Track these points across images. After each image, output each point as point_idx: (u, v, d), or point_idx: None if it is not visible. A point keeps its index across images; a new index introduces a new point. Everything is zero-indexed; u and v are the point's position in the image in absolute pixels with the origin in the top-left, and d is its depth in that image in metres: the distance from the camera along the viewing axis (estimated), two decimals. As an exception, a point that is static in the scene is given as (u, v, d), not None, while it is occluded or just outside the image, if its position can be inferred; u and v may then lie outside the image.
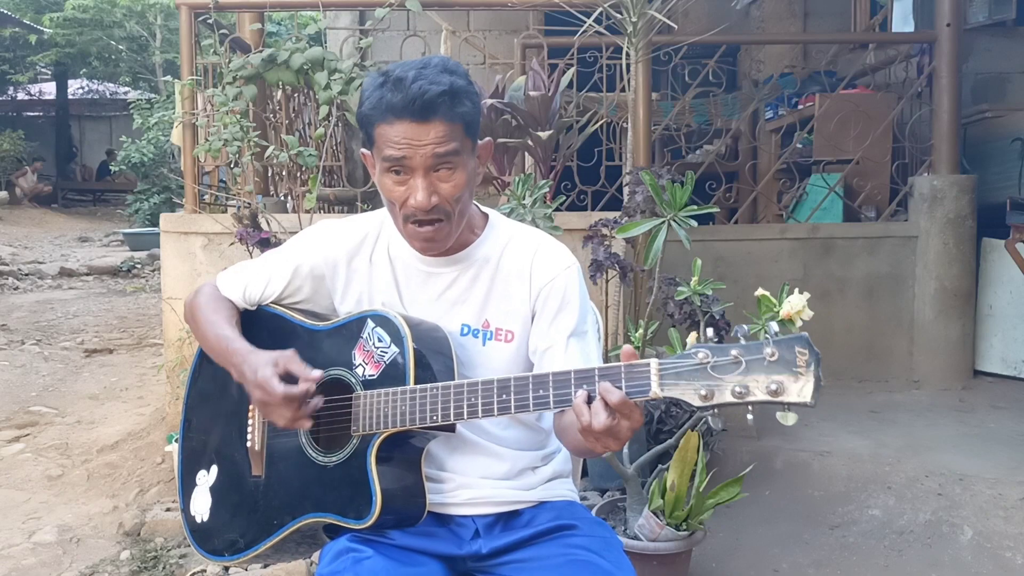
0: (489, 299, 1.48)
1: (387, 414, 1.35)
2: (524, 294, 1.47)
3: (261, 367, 1.38)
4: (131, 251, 10.28)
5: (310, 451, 1.44)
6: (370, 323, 1.42)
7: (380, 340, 1.40)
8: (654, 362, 1.16)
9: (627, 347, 1.21)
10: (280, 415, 1.36)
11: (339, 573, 1.34)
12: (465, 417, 1.30)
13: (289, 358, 1.38)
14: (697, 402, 1.13)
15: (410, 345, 1.36)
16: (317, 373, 1.37)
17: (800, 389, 1.09)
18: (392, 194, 1.37)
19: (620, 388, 1.17)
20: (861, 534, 2.87)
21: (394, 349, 1.38)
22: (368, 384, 1.39)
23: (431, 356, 1.39)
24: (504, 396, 1.26)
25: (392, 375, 1.37)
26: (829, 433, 3.45)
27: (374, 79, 1.36)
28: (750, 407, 1.13)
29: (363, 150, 1.45)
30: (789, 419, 1.13)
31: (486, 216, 1.53)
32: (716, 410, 1.14)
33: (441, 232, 1.39)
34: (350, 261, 1.51)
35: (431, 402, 1.32)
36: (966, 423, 3.65)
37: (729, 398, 1.11)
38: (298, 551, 1.56)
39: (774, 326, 1.12)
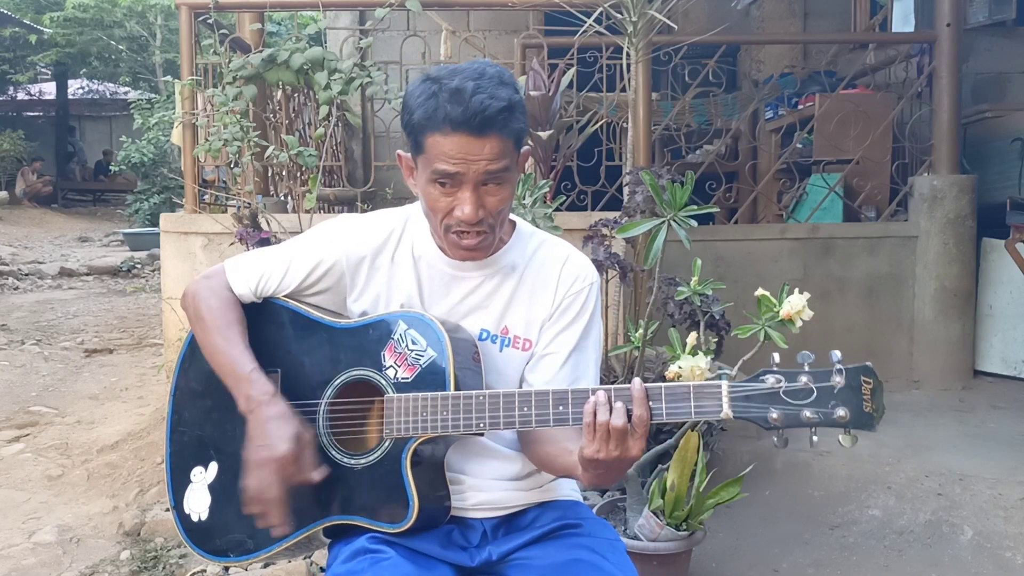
0: (511, 306, 1.47)
1: (426, 419, 1.32)
2: (548, 303, 1.47)
3: (283, 440, 1.33)
4: (131, 251, 10.29)
5: (334, 452, 1.40)
6: (402, 324, 1.39)
7: (415, 343, 1.37)
8: (725, 384, 1.19)
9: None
10: (262, 485, 1.34)
11: (358, 573, 1.33)
12: (517, 426, 1.29)
13: (308, 443, 1.36)
14: (767, 425, 1.18)
15: (449, 350, 1.34)
16: (318, 476, 1.35)
17: (865, 416, 1.17)
18: (437, 203, 1.35)
19: (687, 409, 1.20)
20: (861, 534, 2.86)
21: (431, 353, 1.36)
22: (401, 387, 1.37)
23: (464, 361, 1.37)
24: (561, 408, 1.26)
25: (429, 379, 1.35)
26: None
27: (425, 86, 1.32)
28: (814, 430, 1.19)
29: (400, 152, 1.43)
30: (849, 441, 1.19)
31: (513, 223, 1.52)
32: (782, 431, 1.19)
33: (484, 242, 1.38)
34: (374, 259, 1.48)
35: (477, 409, 1.30)
36: (966, 423, 3.65)
37: (799, 423, 1.18)
38: (297, 553, 1.55)
39: (837, 354, 1.18)
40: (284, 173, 3.97)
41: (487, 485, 1.47)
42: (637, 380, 1.23)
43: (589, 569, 1.37)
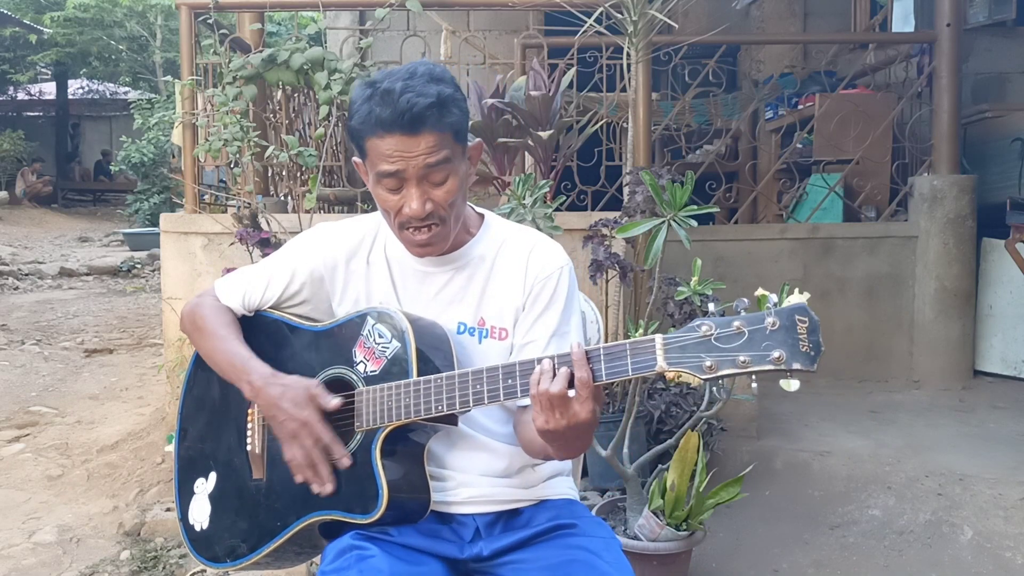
0: (484, 297, 1.49)
1: (391, 407, 1.35)
2: (518, 291, 1.48)
3: (302, 405, 1.38)
4: (131, 251, 10.30)
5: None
6: (370, 320, 1.43)
7: (381, 336, 1.41)
8: (659, 337, 1.18)
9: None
10: (306, 453, 1.38)
11: (343, 570, 1.34)
12: (471, 405, 1.31)
13: (319, 393, 1.40)
14: (702, 374, 1.14)
15: (412, 339, 1.37)
16: (337, 401, 1.39)
17: (802, 355, 1.11)
18: (387, 203, 1.39)
19: (623, 366, 1.19)
20: (861, 534, 2.86)
21: (395, 344, 1.39)
22: (370, 380, 1.40)
23: (432, 350, 1.39)
24: (510, 381, 1.28)
25: (394, 369, 1.38)
26: (829, 433, 3.45)
27: (361, 91, 1.37)
28: (753, 376, 1.14)
29: (355, 159, 1.46)
30: (792, 385, 1.16)
31: (481, 217, 1.55)
32: (721, 381, 1.16)
33: (437, 236, 1.41)
34: (348, 262, 1.53)
35: (435, 392, 1.32)
36: (966, 423, 3.65)
37: (734, 369, 1.13)
38: (297, 557, 1.55)
39: (774, 297, 1.15)
40: (284, 173, 3.97)
41: (476, 480, 1.47)
42: (576, 343, 1.23)
43: (585, 569, 1.37)
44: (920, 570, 2.66)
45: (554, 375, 1.22)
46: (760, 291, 2.17)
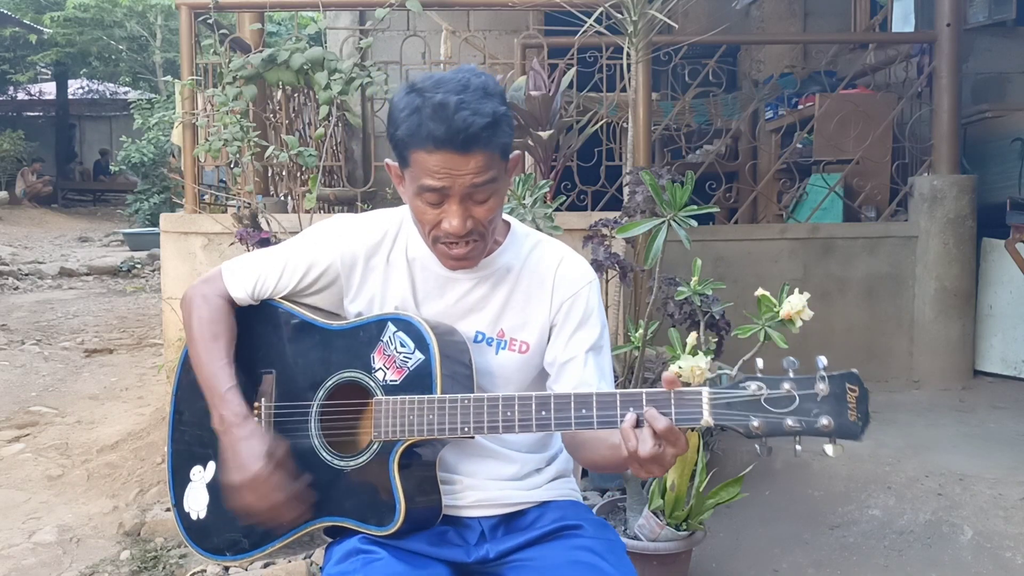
0: (506, 309, 1.47)
1: (413, 422, 1.32)
2: (544, 306, 1.46)
3: (255, 459, 1.35)
4: (131, 251, 10.30)
5: (324, 454, 1.41)
6: (391, 327, 1.39)
7: (403, 345, 1.37)
8: (706, 391, 1.17)
9: (668, 374, 1.21)
10: (246, 505, 1.37)
11: (350, 573, 1.34)
12: (500, 431, 1.29)
13: (281, 459, 1.37)
14: (749, 434, 1.15)
15: (436, 353, 1.34)
16: (297, 488, 1.37)
17: (850, 425, 1.13)
18: (424, 216, 1.35)
19: (667, 415, 1.18)
20: (861, 534, 2.86)
21: (419, 356, 1.35)
22: (389, 390, 1.37)
23: (454, 363, 1.37)
24: (544, 413, 1.25)
25: (417, 382, 1.35)
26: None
27: (409, 99, 1.30)
28: (798, 439, 1.15)
29: (388, 161, 1.42)
30: (834, 451, 1.15)
31: (508, 225, 1.51)
32: (765, 440, 1.16)
33: (474, 251, 1.38)
34: (368, 259, 1.48)
35: (462, 412, 1.30)
36: (966, 423, 3.64)
37: (782, 432, 1.14)
38: (296, 552, 1.55)
39: (823, 360, 1.14)
40: (284, 173, 3.98)
41: (483, 484, 1.47)
42: (652, 410, 1.18)
43: (588, 570, 1.36)
44: (920, 570, 2.66)
45: (636, 432, 1.19)
46: (760, 291, 2.18)
